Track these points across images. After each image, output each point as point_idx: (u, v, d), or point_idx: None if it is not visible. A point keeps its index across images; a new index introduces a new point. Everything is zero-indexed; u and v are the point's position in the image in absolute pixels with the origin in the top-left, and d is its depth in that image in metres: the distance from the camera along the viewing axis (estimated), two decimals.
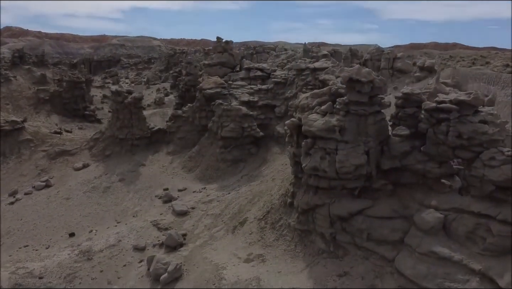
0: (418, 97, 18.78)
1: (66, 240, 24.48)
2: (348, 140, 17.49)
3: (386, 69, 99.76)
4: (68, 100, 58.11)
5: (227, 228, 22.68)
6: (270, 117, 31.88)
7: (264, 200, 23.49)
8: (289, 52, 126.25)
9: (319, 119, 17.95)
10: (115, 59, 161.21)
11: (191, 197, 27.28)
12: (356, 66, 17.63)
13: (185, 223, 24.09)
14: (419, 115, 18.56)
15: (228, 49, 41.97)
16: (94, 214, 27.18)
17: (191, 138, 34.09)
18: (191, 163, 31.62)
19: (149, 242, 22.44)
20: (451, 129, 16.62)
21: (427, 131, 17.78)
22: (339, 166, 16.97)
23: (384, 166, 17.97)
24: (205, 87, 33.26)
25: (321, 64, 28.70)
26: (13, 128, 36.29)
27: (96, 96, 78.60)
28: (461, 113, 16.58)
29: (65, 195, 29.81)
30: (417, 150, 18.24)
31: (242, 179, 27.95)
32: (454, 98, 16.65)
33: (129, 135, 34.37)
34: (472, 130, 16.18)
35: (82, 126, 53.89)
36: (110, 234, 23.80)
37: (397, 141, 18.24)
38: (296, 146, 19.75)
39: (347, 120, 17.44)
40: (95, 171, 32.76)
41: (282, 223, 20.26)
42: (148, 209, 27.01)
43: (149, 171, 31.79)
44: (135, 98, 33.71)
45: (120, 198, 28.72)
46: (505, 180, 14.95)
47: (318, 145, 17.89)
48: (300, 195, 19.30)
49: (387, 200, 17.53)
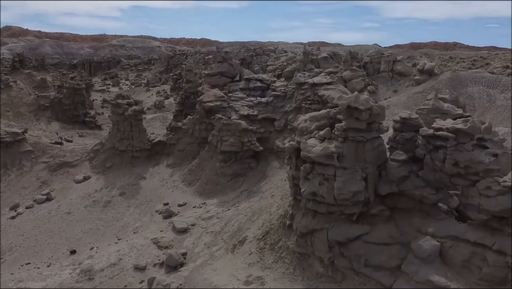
0: (415, 122, 18.97)
1: (67, 258, 24.71)
2: (346, 167, 17.68)
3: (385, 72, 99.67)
4: (69, 106, 58.28)
5: (226, 247, 22.90)
6: (270, 130, 32.07)
7: (263, 218, 23.70)
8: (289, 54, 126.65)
9: (318, 145, 18.13)
10: (115, 60, 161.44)
11: (191, 213, 27.50)
12: (354, 93, 17.80)
13: (185, 240, 24.31)
14: (416, 140, 18.75)
15: (228, 59, 42.12)
16: (95, 229, 27.40)
17: (191, 151, 34.29)
18: (191, 176, 31.83)
19: (150, 261, 22.68)
20: (448, 157, 16.80)
21: (424, 157, 17.99)
22: (338, 193, 17.17)
23: (381, 191, 18.17)
24: (205, 100, 33.44)
25: (320, 79, 28.86)
26: (14, 140, 36.44)
27: (97, 101, 78.86)
28: (458, 141, 16.75)
29: (66, 209, 30.02)
30: (414, 174, 18.42)
31: (242, 194, 28.15)
32: (451, 126, 16.83)
33: (130, 147, 34.57)
34: (469, 159, 16.35)
35: (82, 133, 54.12)
36: (111, 252, 24.02)
37: (395, 167, 18.42)
38: (295, 169, 19.94)
39: (345, 147, 17.62)
40: (96, 184, 32.97)
41: (281, 245, 20.47)
42: (149, 224, 27.23)
43: (150, 184, 31.99)
44: (136, 111, 33.88)
45: (121, 213, 28.93)
46: (500, 211, 15.16)
47: (316, 170, 18.08)
48: (299, 217, 19.52)
49: (385, 226, 17.74)
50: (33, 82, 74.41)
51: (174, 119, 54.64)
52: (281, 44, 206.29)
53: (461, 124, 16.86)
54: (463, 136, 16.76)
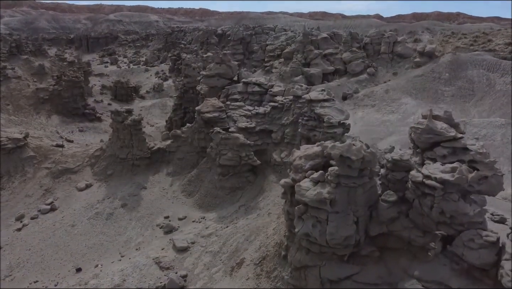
0: (406, 163, 19.64)
1: (73, 276, 25.91)
2: (339, 211, 18.47)
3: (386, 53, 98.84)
4: (68, 99, 58.56)
5: (225, 269, 24.04)
6: (267, 142, 32.65)
7: (260, 240, 24.73)
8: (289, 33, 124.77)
9: (311, 188, 18.84)
10: (113, 36, 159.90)
11: (191, 228, 28.52)
12: (347, 142, 18.34)
13: (186, 260, 25.43)
14: (407, 181, 19.47)
15: (226, 60, 42.13)
16: (99, 245, 28.52)
17: (190, 160, 34.99)
18: (191, 187, 32.68)
19: (152, 283, 23.85)
20: (435, 205, 17.59)
21: (413, 200, 18.77)
22: (330, 238, 18.05)
23: (372, 232, 19.08)
24: (203, 110, 33.84)
25: (317, 95, 29.17)
26: (16, 146, 37.07)
27: (96, 86, 78.75)
28: (445, 191, 17.46)
29: (70, 221, 31.05)
30: (403, 214, 19.29)
31: (240, 209, 29.08)
32: (439, 177, 17.47)
33: (130, 155, 35.24)
34: (454, 210, 17.13)
35: (82, 128, 54.60)
36: (115, 271, 25.18)
37: (385, 208, 19.23)
38: (290, 204, 20.74)
39: (337, 192, 18.34)
40: (98, 193, 33.87)
41: (277, 274, 21.55)
42: (150, 240, 28.31)
43: (150, 194, 32.88)
44: (135, 121, 34.35)
45: (123, 226, 29.97)
46: (482, 264, 16.09)
47: (310, 212, 18.89)
48: (294, 251, 20.48)
49: (374, 266, 18.72)
50: (31, 69, 74.28)
51: (173, 113, 55.20)
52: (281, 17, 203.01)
53: (449, 176, 17.51)
54: (450, 186, 17.44)
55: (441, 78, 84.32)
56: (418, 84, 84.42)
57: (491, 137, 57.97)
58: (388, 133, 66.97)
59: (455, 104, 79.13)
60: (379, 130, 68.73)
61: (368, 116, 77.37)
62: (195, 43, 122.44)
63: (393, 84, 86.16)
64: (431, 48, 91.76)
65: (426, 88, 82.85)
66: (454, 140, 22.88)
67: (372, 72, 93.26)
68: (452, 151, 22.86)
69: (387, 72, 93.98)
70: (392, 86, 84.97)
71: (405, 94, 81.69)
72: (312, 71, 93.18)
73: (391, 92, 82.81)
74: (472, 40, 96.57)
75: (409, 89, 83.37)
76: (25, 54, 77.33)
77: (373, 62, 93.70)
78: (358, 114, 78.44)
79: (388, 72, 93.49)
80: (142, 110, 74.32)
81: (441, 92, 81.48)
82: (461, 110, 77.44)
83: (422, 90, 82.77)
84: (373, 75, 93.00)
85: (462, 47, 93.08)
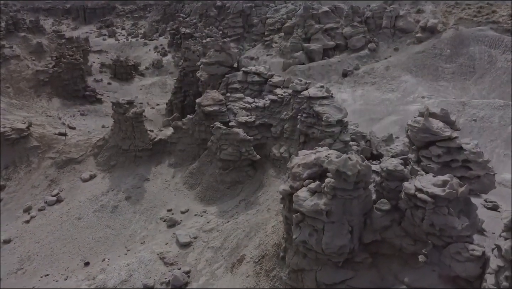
0: (400, 173, 20.38)
1: (82, 270, 27.24)
2: (334, 220, 19.40)
3: (387, 28, 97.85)
4: (68, 81, 58.66)
5: (226, 265, 25.30)
6: (267, 136, 33.27)
7: (260, 237, 25.86)
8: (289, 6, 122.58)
9: (308, 199, 19.70)
10: (110, 6, 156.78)
11: (193, 222, 29.66)
12: (344, 157, 18.99)
13: (189, 256, 26.68)
14: (401, 190, 20.29)
15: (226, 48, 42.10)
16: (105, 238, 29.74)
17: (191, 151, 35.74)
18: (192, 179, 33.60)
19: (157, 279, 25.17)
20: (426, 217, 18.49)
21: (405, 210, 19.67)
22: (325, 247, 19.06)
23: (366, 240, 20.09)
24: (204, 103, 34.28)
25: (316, 92, 29.51)
26: (19, 136, 37.73)
27: (94, 64, 78.39)
28: (436, 205, 18.31)
29: (76, 213, 32.17)
30: (396, 222, 20.23)
31: (240, 204, 30.11)
32: (431, 192, 18.25)
33: (132, 146, 35.97)
34: (444, 224, 18.04)
35: (84, 111, 55.03)
36: (122, 266, 26.48)
37: (379, 216, 20.16)
38: (288, 211, 21.68)
39: (333, 204, 19.20)
40: (102, 184, 34.84)
41: (275, 274, 22.77)
42: (154, 234, 29.51)
43: (153, 186, 33.85)
44: (136, 113, 34.86)
45: (128, 219, 31.11)
46: (467, 276, 17.17)
47: (307, 221, 19.83)
48: (291, 254, 21.58)
49: (367, 272, 19.84)
50: (29, 47, 73.81)
51: (174, 96, 55.49)
52: None
53: (440, 190, 18.28)
54: (441, 201, 18.27)
55: (442, 54, 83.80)
56: (419, 61, 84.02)
57: (489, 119, 58.55)
58: (387, 113, 67.50)
59: (455, 82, 79.15)
60: (378, 110, 69.20)
61: (368, 94, 77.54)
62: (194, 15, 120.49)
63: (394, 61, 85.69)
64: (433, 24, 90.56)
65: (427, 65, 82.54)
66: (449, 140, 23.54)
67: (373, 48, 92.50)
68: (446, 151, 23.66)
69: (388, 47, 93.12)
70: (392, 63, 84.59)
71: (405, 71, 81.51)
72: (312, 46, 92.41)
73: (391, 69, 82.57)
74: (476, 11, 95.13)
75: (410, 66, 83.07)
76: (22, 31, 76.54)
77: (374, 37, 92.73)
78: (357, 92, 78.61)
79: (389, 48, 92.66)
80: (142, 90, 74.54)
81: (442, 70, 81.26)
82: (461, 89, 77.55)
83: (423, 68, 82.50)
84: (374, 50, 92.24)
85: (466, 18, 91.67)
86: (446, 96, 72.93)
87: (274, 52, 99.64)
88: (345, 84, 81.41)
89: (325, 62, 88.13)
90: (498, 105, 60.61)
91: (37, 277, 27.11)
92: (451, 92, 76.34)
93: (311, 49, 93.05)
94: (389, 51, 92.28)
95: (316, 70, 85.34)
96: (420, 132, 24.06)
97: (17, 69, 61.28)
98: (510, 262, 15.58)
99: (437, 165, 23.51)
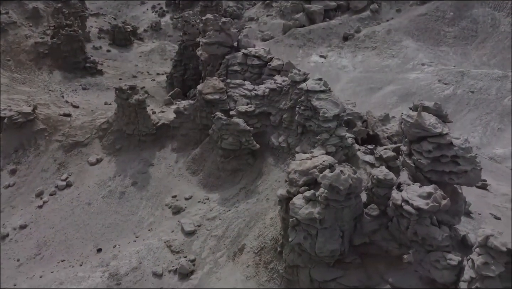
0: (390, 182, 21.95)
1: (95, 256, 29.55)
2: (327, 227, 21.23)
3: None
4: (68, 53, 58.65)
5: (228, 254, 27.51)
6: (266, 124, 34.42)
7: (259, 227, 27.88)
8: None
9: (303, 207, 21.41)
10: None
11: (197, 210, 31.63)
12: (337, 171, 20.42)
13: (193, 244, 28.88)
14: (389, 197, 21.96)
15: (226, 29, 42.15)
16: (115, 224, 31.84)
17: (193, 136, 37.02)
18: (195, 165, 35.20)
19: (165, 266, 27.48)
20: (410, 227, 20.32)
21: (392, 218, 21.45)
22: (318, 251, 21.04)
23: (356, 242, 22.08)
24: (204, 91, 35.12)
25: (314, 85, 30.29)
26: (26, 120, 38.91)
27: (92, 29, 77.51)
28: (420, 216, 20.04)
29: (86, 199, 34.08)
30: (384, 226, 22.12)
31: (241, 192, 31.91)
32: (416, 205, 19.88)
33: (136, 131, 37.25)
34: (426, 233, 19.86)
35: (85, 85, 55.52)
36: (132, 253, 28.74)
37: (368, 221, 22.03)
38: (285, 212, 23.47)
39: (326, 213, 20.94)
40: (109, 169, 36.49)
41: (273, 267, 24.97)
42: (161, 221, 31.58)
43: (158, 172, 35.50)
44: (139, 100, 35.84)
45: (135, 206, 33.06)
46: (445, 283, 19.22)
47: (302, 226, 21.67)
48: (287, 251, 23.61)
49: (355, 271, 21.95)
50: (25, 13, 72.94)
51: (174, 69, 55.88)
52: None
53: (424, 203, 19.91)
54: (424, 212, 19.96)
55: (445, 17, 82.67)
56: (421, 24, 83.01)
57: (486, 91, 59.32)
58: (386, 82, 68.09)
59: (456, 47, 78.82)
60: (378, 78, 69.67)
61: (368, 60, 77.52)
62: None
63: (396, 24, 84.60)
64: None
65: (429, 29, 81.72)
66: (440, 136, 24.86)
67: (375, 9, 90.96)
68: (437, 146, 25.04)
69: (390, 8, 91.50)
70: (394, 26, 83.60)
71: (406, 35, 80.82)
72: (313, 8, 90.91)
73: (392, 33, 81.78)
74: None
75: (412, 29, 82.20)
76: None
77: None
78: (358, 58, 78.59)
79: (392, 9, 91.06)
80: (142, 57, 74.37)
81: (444, 34, 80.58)
82: (462, 54, 77.39)
83: (425, 31, 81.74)
84: (376, 12, 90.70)
85: None
86: (446, 63, 72.92)
87: (274, 12, 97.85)
88: (345, 49, 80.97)
89: (325, 24, 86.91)
90: (497, 76, 61.07)
91: (54, 263, 29.46)
92: (452, 58, 76.17)
93: (312, 10, 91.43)
94: (392, 12, 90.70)
95: (317, 34, 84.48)
96: (412, 128, 25.19)
97: (16, 40, 61.07)
98: (481, 275, 17.52)
99: (427, 160, 24.85)
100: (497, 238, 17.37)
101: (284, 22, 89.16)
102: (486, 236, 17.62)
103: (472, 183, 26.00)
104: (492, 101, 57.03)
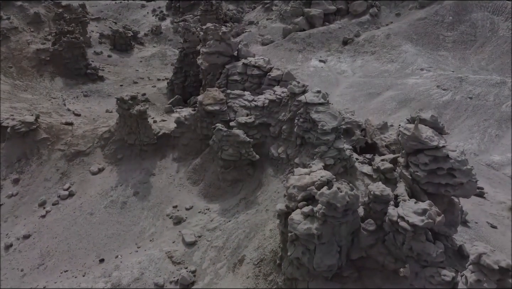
0: (386, 198, 22.44)
1: (98, 266, 30.07)
2: (325, 242, 21.74)
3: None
4: (69, 60, 59.19)
5: (228, 265, 28.03)
6: (266, 135, 34.91)
7: (259, 239, 28.40)
8: None
9: (302, 222, 21.90)
10: None
11: (197, 220, 32.14)
12: (334, 189, 20.92)
13: (194, 255, 29.40)
14: (386, 212, 22.45)
15: (226, 39, 42.64)
16: (117, 235, 32.35)
17: (194, 146, 37.54)
18: (195, 175, 35.72)
19: (166, 277, 28.01)
20: (406, 242, 20.81)
21: (388, 232, 21.95)
22: (316, 266, 21.53)
23: (353, 256, 22.57)
24: (205, 102, 35.61)
25: (312, 98, 30.78)
26: (29, 129, 39.41)
27: (93, 34, 77.99)
28: (415, 233, 20.53)
29: (88, 209, 34.60)
30: (380, 241, 22.61)
31: (241, 203, 32.41)
32: (411, 221, 20.38)
33: (137, 141, 37.75)
34: (421, 250, 20.37)
35: (87, 92, 56.00)
36: (134, 264, 29.27)
37: (365, 236, 22.50)
38: (284, 226, 23.97)
39: (324, 228, 21.43)
40: (110, 178, 37.00)
41: (273, 279, 25.49)
42: (162, 231, 32.09)
43: (159, 182, 36.02)
44: (140, 111, 36.33)
45: (137, 216, 33.58)
46: None
47: (300, 241, 22.17)
48: (286, 264, 24.13)
49: (353, 285, 22.47)
50: (27, 18, 73.41)
51: (174, 76, 56.39)
52: None
53: (419, 220, 20.41)
54: (419, 229, 20.46)
55: (444, 22, 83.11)
56: (420, 29, 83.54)
57: (484, 97, 59.77)
58: (385, 87, 68.55)
59: (455, 52, 79.27)
60: (377, 84, 70.11)
61: (367, 65, 77.98)
62: None
63: (395, 28, 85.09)
64: None
65: (428, 33, 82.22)
66: (436, 149, 25.35)
67: (375, 13, 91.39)
68: (433, 159, 25.52)
69: (390, 12, 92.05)
70: (393, 31, 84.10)
71: (405, 40, 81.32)
72: (313, 12, 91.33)
73: (392, 38, 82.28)
74: None
75: (411, 34, 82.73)
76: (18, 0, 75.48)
77: (376, 1, 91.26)
78: (357, 63, 79.04)
79: (391, 13, 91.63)
80: (142, 62, 74.87)
81: (443, 38, 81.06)
82: (461, 59, 77.82)
83: (424, 35, 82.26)
84: (376, 16, 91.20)
85: None
86: (444, 68, 73.38)
87: (274, 16, 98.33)
88: (345, 54, 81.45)
89: (325, 29, 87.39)
90: (495, 82, 61.53)
91: (57, 273, 29.98)
92: (450, 63, 76.61)
93: (312, 14, 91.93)
94: (391, 16, 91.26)
95: (316, 38, 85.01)
96: (409, 140, 25.73)
97: (18, 47, 61.57)
98: None
99: (423, 172, 25.36)
100: (489, 256, 17.88)
101: (284, 26, 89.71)
102: (479, 254, 18.11)
103: (467, 194, 26.51)
104: (490, 107, 57.47)
